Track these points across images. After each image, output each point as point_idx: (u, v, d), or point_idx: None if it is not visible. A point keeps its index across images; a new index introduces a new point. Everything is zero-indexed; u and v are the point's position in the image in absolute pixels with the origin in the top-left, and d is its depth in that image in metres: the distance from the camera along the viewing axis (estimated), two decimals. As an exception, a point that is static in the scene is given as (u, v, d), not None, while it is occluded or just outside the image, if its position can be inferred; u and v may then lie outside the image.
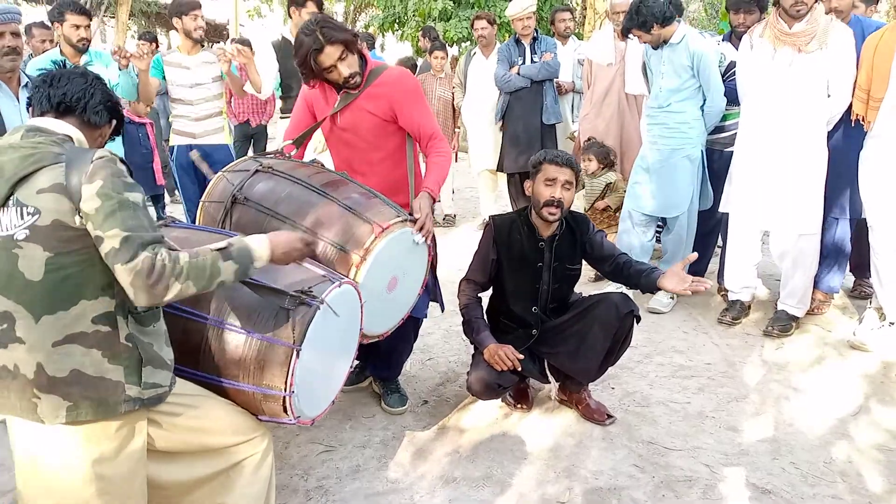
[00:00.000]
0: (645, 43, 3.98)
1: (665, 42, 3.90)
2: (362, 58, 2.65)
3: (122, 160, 1.63)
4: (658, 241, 4.56)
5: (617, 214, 4.77)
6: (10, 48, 2.95)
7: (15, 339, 1.56)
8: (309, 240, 1.97)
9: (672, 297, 4.19)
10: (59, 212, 1.53)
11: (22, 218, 1.53)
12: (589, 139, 4.98)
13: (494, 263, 2.83)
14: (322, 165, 2.68)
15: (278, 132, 4.88)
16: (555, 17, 5.99)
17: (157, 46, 4.53)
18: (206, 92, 4.44)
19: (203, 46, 4.44)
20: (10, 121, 2.98)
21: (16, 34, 2.99)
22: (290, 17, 4.49)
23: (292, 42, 4.42)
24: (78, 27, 3.87)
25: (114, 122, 1.83)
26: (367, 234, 2.27)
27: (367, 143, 2.72)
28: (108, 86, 1.81)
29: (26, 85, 3.09)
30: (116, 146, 4.19)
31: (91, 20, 4.06)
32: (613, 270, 2.83)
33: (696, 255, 2.81)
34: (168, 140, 4.86)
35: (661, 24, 3.80)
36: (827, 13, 3.46)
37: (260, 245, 1.78)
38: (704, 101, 3.93)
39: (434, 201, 2.61)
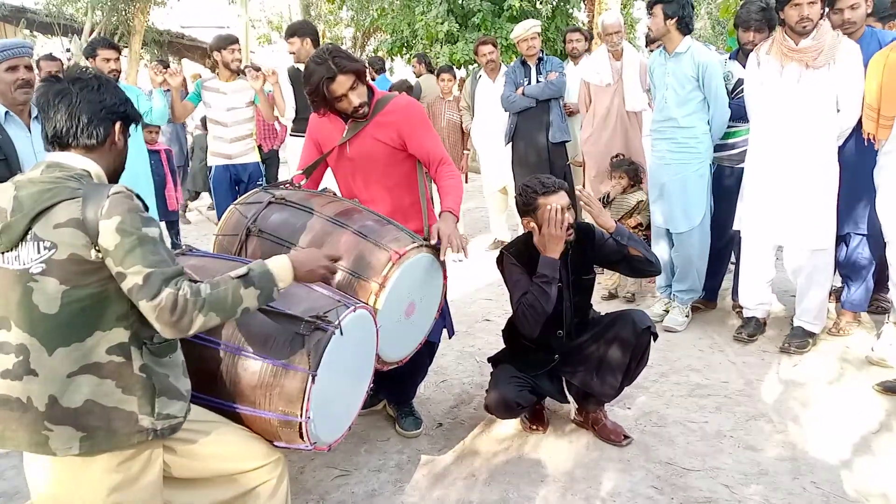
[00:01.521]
0: (650, 31, 3.95)
1: (663, 49, 3.94)
2: (369, 88, 2.68)
3: (137, 195, 1.64)
4: None
5: (648, 232, 4.79)
6: (24, 81, 3.03)
7: (30, 372, 1.57)
8: (333, 255, 1.98)
9: (687, 316, 4.16)
10: (76, 246, 1.55)
11: (39, 252, 1.55)
12: (617, 156, 4.98)
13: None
14: (334, 194, 2.69)
15: (289, 151, 5.22)
16: (566, 37, 6.05)
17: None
18: (240, 115, 4.93)
19: (239, 75, 4.91)
20: (23, 152, 3.03)
21: (28, 68, 3.07)
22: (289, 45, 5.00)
23: (300, 70, 4.64)
24: (108, 60, 4.22)
25: (119, 122, 1.75)
26: (384, 262, 2.28)
27: (378, 172, 2.74)
28: (98, 89, 1.71)
29: (37, 117, 3.14)
30: (143, 168, 4.36)
31: (120, 53, 4.40)
32: (629, 266, 2.81)
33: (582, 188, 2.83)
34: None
35: (675, 21, 3.79)
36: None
37: (281, 266, 1.79)
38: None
39: (457, 221, 2.59)
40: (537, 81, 5.39)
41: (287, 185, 2.73)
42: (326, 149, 2.79)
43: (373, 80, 8.21)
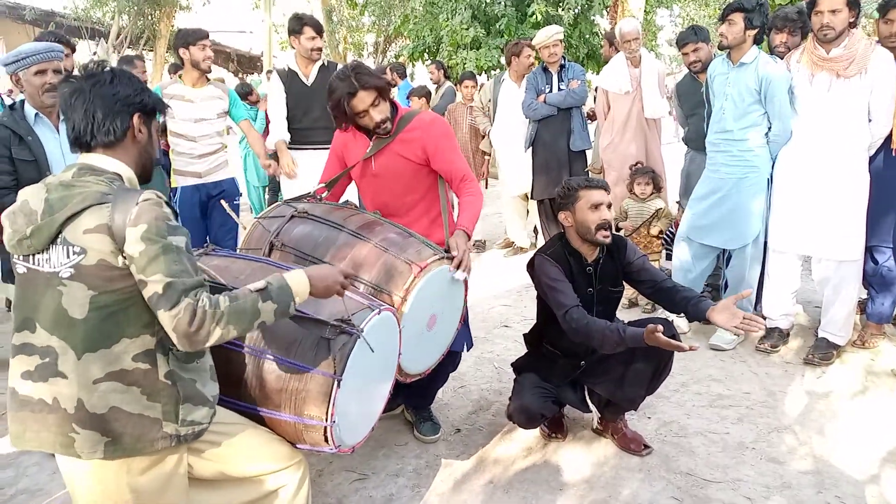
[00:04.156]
0: (725, 39, 3.68)
1: (726, 58, 3.80)
2: (393, 105, 2.70)
3: (167, 202, 1.63)
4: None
5: (666, 250, 4.74)
6: (52, 85, 3.00)
7: (57, 374, 1.58)
8: (348, 272, 1.97)
9: (737, 335, 3.96)
10: (104, 252, 1.55)
11: (68, 256, 1.56)
12: (637, 163, 4.97)
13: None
14: (356, 207, 2.71)
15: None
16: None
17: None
18: (210, 128, 4.26)
19: (209, 79, 4.31)
20: (52, 153, 3.06)
21: (57, 71, 3.05)
22: (292, 47, 4.48)
23: (297, 73, 4.45)
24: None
25: (137, 114, 1.70)
26: (406, 274, 2.28)
27: (402, 187, 2.75)
28: (112, 82, 1.67)
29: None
30: (157, 175, 4.24)
31: (73, 51, 3.82)
32: (655, 292, 2.78)
33: (750, 291, 2.72)
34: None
35: (756, 32, 3.61)
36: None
37: (298, 281, 1.79)
38: (769, 128, 3.69)
39: (469, 239, 2.61)
40: (559, 89, 5.38)
41: (309, 199, 2.75)
42: (350, 163, 2.81)
43: (395, 85, 8.28)
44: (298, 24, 4.36)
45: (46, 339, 1.59)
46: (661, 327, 2.36)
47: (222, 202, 3.06)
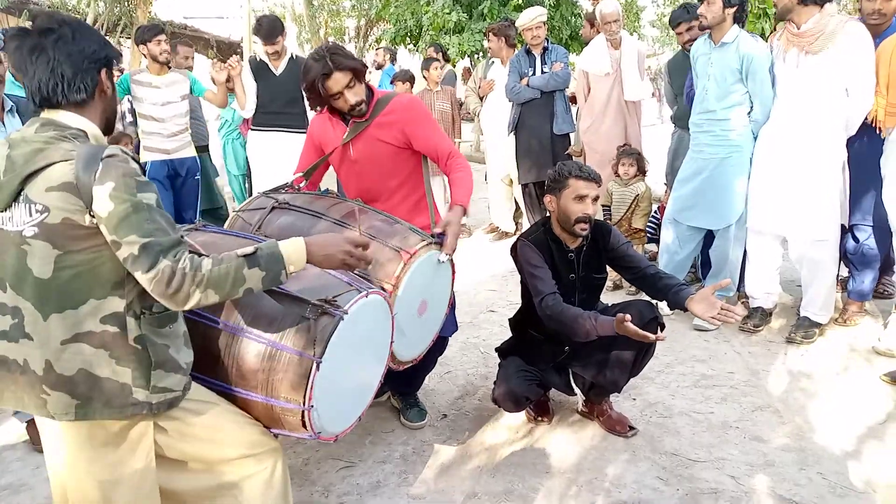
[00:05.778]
0: (705, 19, 3.69)
1: (708, 38, 3.80)
2: (368, 88, 2.66)
3: (134, 158, 1.57)
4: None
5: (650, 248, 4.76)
6: None
7: (24, 335, 1.55)
8: (358, 240, 1.85)
9: (714, 325, 3.94)
10: (68, 210, 1.49)
11: (31, 215, 1.51)
12: (624, 145, 4.96)
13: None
14: (336, 196, 2.67)
15: (250, 146, 5.22)
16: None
17: (169, 66, 5.00)
18: (176, 110, 4.88)
19: (170, 68, 4.91)
20: None
21: None
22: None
23: (267, 63, 4.84)
24: None
25: (104, 69, 1.65)
26: (395, 263, 2.26)
27: (384, 172, 2.72)
28: (74, 38, 1.60)
29: (11, 109, 2.94)
30: None
31: None
32: (638, 279, 2.80)
33: (728, 280, 2.76)
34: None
35: (735, 10, 3.62)
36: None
37: (294, 249, 1.71)
38: (752, 108, 3.72)
39: (465, 213, 2.57)
40: (542, 71, 5.35)
41: (287, 189, 2.70)
42: (328, 150, 2.77)
43: (379, 68, 8.22)
44: (255, 30, 4.89)
45: (14, 300, 1.55)
46: (629, 317, 2.40)
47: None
